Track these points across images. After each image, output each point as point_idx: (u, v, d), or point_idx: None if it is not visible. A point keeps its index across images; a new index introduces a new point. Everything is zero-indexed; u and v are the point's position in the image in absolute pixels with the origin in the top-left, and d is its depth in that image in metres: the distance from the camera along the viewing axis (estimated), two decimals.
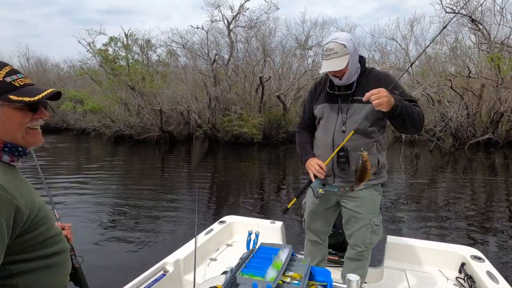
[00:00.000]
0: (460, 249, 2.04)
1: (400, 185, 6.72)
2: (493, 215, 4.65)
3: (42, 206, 0.79)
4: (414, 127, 1.52)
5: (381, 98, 1.36)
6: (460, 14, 12.15)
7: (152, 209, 4.99)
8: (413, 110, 1.48)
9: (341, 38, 1.52)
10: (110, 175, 7.93)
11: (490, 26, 12.45)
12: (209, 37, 15.31)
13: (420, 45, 16.29)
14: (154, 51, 18.80)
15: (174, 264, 1.87)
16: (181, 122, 15.40)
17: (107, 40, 16.74)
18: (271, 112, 14.93)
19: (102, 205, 5.24)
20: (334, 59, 1.51)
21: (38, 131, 0.83)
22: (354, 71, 1.62)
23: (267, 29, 15.90)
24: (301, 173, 8.00)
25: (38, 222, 0.75)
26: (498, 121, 12.01)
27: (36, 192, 0.81)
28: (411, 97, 1.61)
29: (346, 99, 1.64)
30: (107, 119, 15.67)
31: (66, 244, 0.88)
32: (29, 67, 26.03)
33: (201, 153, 12.70)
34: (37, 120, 0.81)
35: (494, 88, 12.03)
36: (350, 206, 1.72)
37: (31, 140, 0.81)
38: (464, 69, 12.21)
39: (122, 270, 3.03)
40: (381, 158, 1.69)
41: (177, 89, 15.13)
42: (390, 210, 4.87)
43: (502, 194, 5.88)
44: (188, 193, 5.97)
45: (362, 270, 1.78)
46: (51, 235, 0.80)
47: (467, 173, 7.74)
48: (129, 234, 3.97)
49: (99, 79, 18.13)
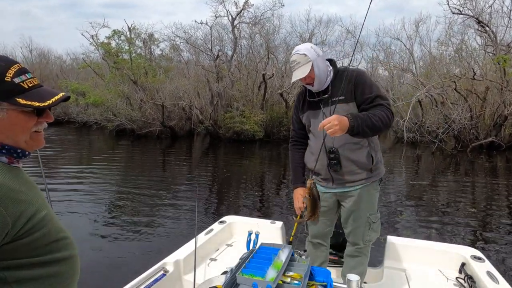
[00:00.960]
0: (460, 249, 2.04)
1: (401, 186, 6.70)
2: (493, 216, 4.64)
3: (41, 208, 0.72)
4: (378, 132, 1.60)
5: (332, 127, 1.41)
6: (467, 15, 12.04)
7: (152, 208, 4.97)
8: (372, 120, 1.51)
9: (301, 49, 1.65)
10: (111, 170, 7.95)
11: (497, 28, 12.34)
12: (213, 32, 15.26)
13: (425, 45, 16.18)
14: (157, 46, 18.78)
15: (174, 264, 1.86)
16: (182, 117, 15.40)
17: (110, 33, 16.75)
18: (273, 109, 14.90)
19: (101, 202, 5.22)
20: (299, 69, 1.63)
21: (41, 133, 0.78)
22: (325, 75, 1.68)
23: (271, 26, 15.82)
24: None
25: (35, 227, 0.69)
26: (502, 124, 11.93)
27: (38, 193, 0.76)
28: (380, 95, 1.63)
29: (327, 103, 1.71)
30: (109, 113, 15.68)
31: (74, 249, 0.81)
32: (32, 58, 26.06)
33: (202, 149, 12.70)
34: (42, 123, 0.76)
35: (499, 91, 11.94)
36: (348, 204, 1.74)
37: (33, 144, 0.77)
38: (469, 71, 12.11)
39: (122, 270, 3.02)
40: (375, 154, 1.70)
41: (179, 84, 15.11)
42: (391, 211, 4.86)
43: (503, 197, 5.86)
44: (188, 192, 5.95)
45: (362, 267, 1.79)
46: (52, 239, 0.73)
47: (469, 176, 7.71)
48: (129, 234, 3.95)
49: (101, 72, 18.12)
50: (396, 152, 11.65)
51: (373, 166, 1.68)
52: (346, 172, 1.69)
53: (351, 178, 1.68)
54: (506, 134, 12.22)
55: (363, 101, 1.62)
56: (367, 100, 1.61)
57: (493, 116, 12.25)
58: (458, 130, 11.86)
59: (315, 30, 16.80)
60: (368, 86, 1.62)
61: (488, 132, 12.13)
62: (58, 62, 27.38)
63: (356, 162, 1.67)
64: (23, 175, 0.76)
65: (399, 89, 16.01)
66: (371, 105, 1.60)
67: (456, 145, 11.97)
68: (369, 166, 1.67)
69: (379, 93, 1.63)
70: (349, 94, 1.64)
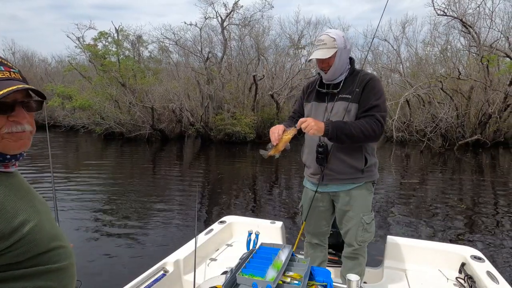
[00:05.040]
0: (460, 249, 2.04)
1: (392, 185, 6.79)
2: (493, 215, 4.67)
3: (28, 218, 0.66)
4: (358, 142, 1.60)
5: (309, 124, 1.51)
6: (451, 17, 12.39)
7: (152, 208, 4.93)
8: (352, 130, 1.54)
9: (332, 33, 1.62)
10: (101, 173, 7.77)
11: (480, 30, 12.74)
12: (202, 34, 15.20)
13: (412, 46, 16.56)
14: (146, 47, 18.56)
15: (174, 264, 1.85)
16: (173, 120, 15.25)
17: (97, 34, 16.44)
18: (264, 110, 14.94)
19: (96, 205, 5.13)
20: (322, 50, 1.60)
21: (24, 133, 0.69)
22: (341, 68, 1.66)
23: (261, 28, 15.89)
24: (299, 172, 8.02)
25: (21, 240, 0.63)
26: (486, 122, 12.31)
27: (30, 201, 0.70)
28: (378, 105, 1.59)
29: (333, 98, 1.69)
30: (97, 116, 15.38)
31: (68, 259, 0.74)
32: (15, 61, 25.36)
33: (194, 151, 12.59)
34: (15, 125, 0.67)
35: (483, 90, 12.32)
36: (341, 205, 1.74)
37: (12, 145, 0.68)
38: (454, 70, 12.46)
39: (122, 270, 2.99)
40: (369, 156, 1.70)
41: (169, 87, 14.97)
42: (387, 210, 4.90)
43: (501, 195, 5.94)
44: (187, 192, 5.91)
45: (360, 268, 1.79)
46: (42, 250, 0.68)
47: (456, 173, 7.89)
48: (129, 234, 3.92)
49: (88, 75, 17.77)
50: (385, 151, 11.84)
51: (365, 168, 1.67)
52: (334, 169, 1.68)
53: (340, 176, 1.69)
54: (490, 132, 12.61)
55: (362, 107, 1.61)
56: (365, 107, 1.60)
57: (478, 115, 12.63)
58: (445, 128, 12.16)
59: (304, 32, 16.97)
60: (373, 94, 1.60)
61: (473, 130, 12.48)
62: (43, 65, 26.79)
63: (345, 161, 1.66)
64: (14, 180, 0.71)
65: (387, 89, 16.32)
66: (364, 114, 1.60)
67: (443, 143, 12.26)
68: (360, 167, 1.66)
69: (379, 104, 1.60)
70: (355, 95, 1.63)
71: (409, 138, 13.26)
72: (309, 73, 15.45)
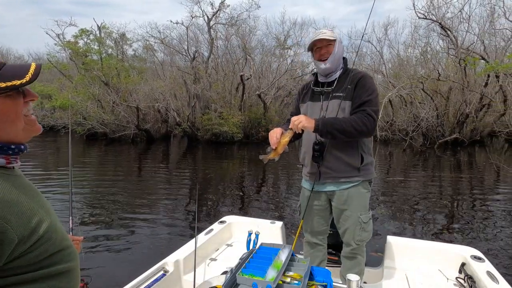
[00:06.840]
0: (460, 249, 2.03)
1: (377, 183, 6.96)
2: (492, 215, 4.69)
3: (44, 217, 0.64)
4: (351, 137, 1.62)
5: (299, 120, 1.55)
6: (431, 20, 12.84)
7: (151, 208, 4.88)
8: (343, 125, 1.57)
9: (330, 29, 1.75)
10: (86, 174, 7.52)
11: (457, 33, 13.29)
12: (189, 33, 15.01)
13: (394, 48, 17.02)
14: (130, 46, 18.12)
15: (174, 264, 1.84)
16: (158, 120, 14.97)
17: (78, 32, 15.90)
18: (251, 110, 14.93)
19: (94, 206, 5.01)
20: (325, 34, 1.68)
21: (33, 116, 0.68)
22: (338, 60, 1.71)
23: (247, 27, 15.87)
24: (296, 172, 8.07)
25: (41, 239, 0.62)
26: (464, 121, 12.85)
27: (41, 200, 0.68)
28: (370, 101, 1.62)
29: (327, 97, 1.72)
30: (79, 116, 14.86)
31: (75, 260, 0.72)
32: None
33: (180, 151, 12.42)
34: (28, 104, 0.67)
35: (460, 91, 12.86)
36: (338, 204, 1.75)
37: (31, 130, 0.68)
38: (434, 72, 12.93)
39: (122, 270, 2.95)
40: (366, 156, 1.71)
41: (155, 86, 14.67)
42: (385, 210, 4.94)
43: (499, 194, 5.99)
44: (187, 192, 5.84)
45: (359, 268, 1.81)
46: (56, 249, 0.66)
47: (437, 171, 8.20)
48: (129, 234, 3.87)
49: (69, 74, 17.14)
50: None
51: (361, 167, 1.68)
52: (331, 167, 1.70)
53: (336, 174, 1.70)
54: (468, 131, 13.19)
55: (355, 103, 1.64)
56: (357, 103, 1.63)
57: (456, 114, 13.16)
58: (426, 128, 12.60)
59: (290, 32, 17.09)
60: (365, 91, 1.63)
61: (452, 129, 13.01)
62: (19, 62, 25.55)
63: (341, 158, 1.68)
64: (22, 180, 0.68)
65: None
66: (357, 110, 1.62)
67: (424, 142, 12.70)
68: (357, 166, 1.67)
69: (370, 99, 1.63)
70: (348, 93, 1.66)
71: (392, 137, 13.64)
72: (295, 73, 15.59)
